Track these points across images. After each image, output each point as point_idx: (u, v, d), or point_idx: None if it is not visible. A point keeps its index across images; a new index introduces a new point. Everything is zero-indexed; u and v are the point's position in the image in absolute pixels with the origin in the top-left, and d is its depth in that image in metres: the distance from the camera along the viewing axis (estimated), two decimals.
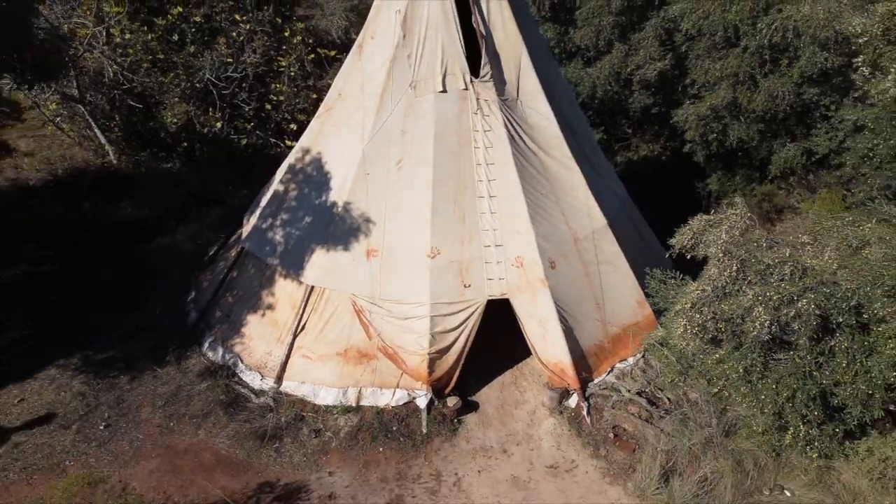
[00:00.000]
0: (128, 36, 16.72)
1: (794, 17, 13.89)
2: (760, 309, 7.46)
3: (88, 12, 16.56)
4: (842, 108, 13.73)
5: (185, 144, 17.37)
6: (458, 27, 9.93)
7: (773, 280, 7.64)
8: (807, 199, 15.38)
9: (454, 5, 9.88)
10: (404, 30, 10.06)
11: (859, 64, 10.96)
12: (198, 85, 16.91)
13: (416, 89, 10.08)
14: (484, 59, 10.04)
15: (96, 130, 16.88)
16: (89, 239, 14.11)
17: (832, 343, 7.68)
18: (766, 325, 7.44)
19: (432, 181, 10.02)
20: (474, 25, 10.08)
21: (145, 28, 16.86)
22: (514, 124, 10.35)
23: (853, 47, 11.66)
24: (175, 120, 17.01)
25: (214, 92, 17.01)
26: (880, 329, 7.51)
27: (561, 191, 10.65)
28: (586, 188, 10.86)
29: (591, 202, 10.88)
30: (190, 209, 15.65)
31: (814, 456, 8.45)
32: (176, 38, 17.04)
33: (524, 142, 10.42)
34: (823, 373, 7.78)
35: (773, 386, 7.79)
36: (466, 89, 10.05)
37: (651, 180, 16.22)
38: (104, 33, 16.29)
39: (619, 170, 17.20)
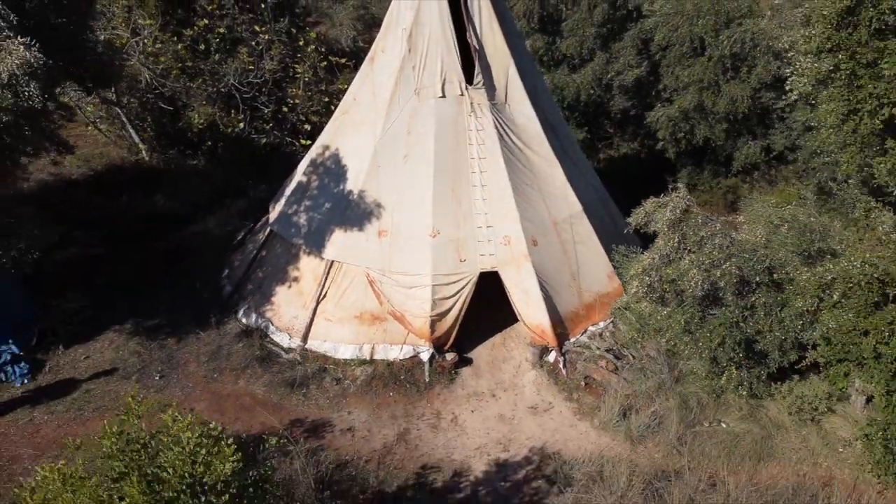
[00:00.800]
0: (159, 45, 18.74)
1: (752, 29, 15.94)
2: (695, 271, 9.45)
3: (124, 24, 18.59)
4: (795, 111, 15.70)
5: (210, 143, 19.32)
6: (455, 42, 11.91)
7: (706, 249, 9.62)
8: (766, 191, 17.35)
9: (451, 24, 11.87)
10: (409, 45, 12.06)
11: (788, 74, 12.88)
12: (222, 89, 18.89)
13: (419, 95, 12.08)
14: (477, 69, 12.02)
15: (130, 130, 18.87)
16: (130, 226, 16.04)
17: (753, 299, 9.67)
18: (699, 284, 9.43)
19: (433, 172, 12.01)
20: (469, 41, 12.06)
21: (175, 38, 18.85)
22: (503, 124, 12.33)
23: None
24: (201, 121, 18.98)
25: (237, 96, 19.00)
26: (790, 287, 9.48)
27: (542, 181, 12.64)
28: (564, 179, 12.85)
29: (569, 191, 12.86)
30: (215, 201, 17.58)
31: (744, 394, 10.45)
32: (202, 47, 19.03)
33: (511, 139, 12.40)
34: (748, 323, 9.76)
35: (708, 335, 9.78)
36: (462, 95, 12.03)
37: (630, 174, 18.16)
38: (139, 43, 18.29)
39: (601, 166, 19.22)
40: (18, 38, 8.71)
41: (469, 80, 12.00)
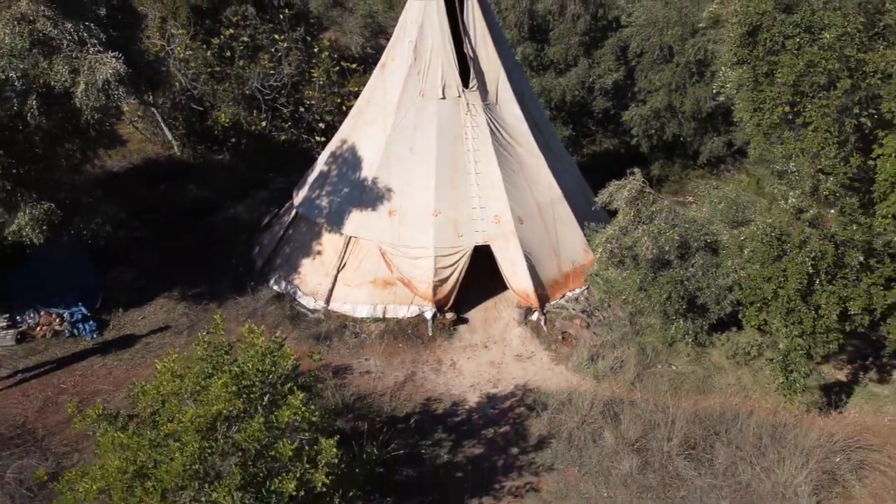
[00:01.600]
0: (189, 52, 21.16)
1: (714, 39, 18.35)
2: (646, 238, 11.85)
3: (158, 33, 21.02)
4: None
5: (234, 140, 21.70)
6: (453, 53, 14.30)
7: (655, 221, 12.01)
8: (730, 181, 19.74)
9: (450, 37, 14.26)
10: (415, 55, 14.46)
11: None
12: (246, 92, 21.28)
13: (423, 97, 14.47)
14: (472, 75, 14.41)
15: (164, 128, 21.29)
16: (169, 212, 18.42)
17: (693, 261, 12.06)
18: (649, 248, 11.82)
19: (435, 162, 14.40)
20: (465, 51, 14.46)
21: (203, 46, 21.27)
22: (494, 122, 14.70)
23: None
24: (227, 120, 21.36)
25: (259, 97, 21.40)
26: (723, 251, 11.87)
27: (528, 170, 15.02)
28: (547, 169, 15.23)
29: (550, 178, 15.24)
30: (240, 191, 19.96)
31: (691, 342, 12.84)
32: (228, 54, 21.43)
33: (501, 135, 14.78)
34: (690, 281, 12.14)
35: (658, 291, 12.15)
36: (459, 97, 14.41)
37: (610, 166, 20.50)
38: (172, 50, 20.71)
39: (585, 160, 21.57)
40: (109, 52, 11.11)
41: (465, 84, 14.39)
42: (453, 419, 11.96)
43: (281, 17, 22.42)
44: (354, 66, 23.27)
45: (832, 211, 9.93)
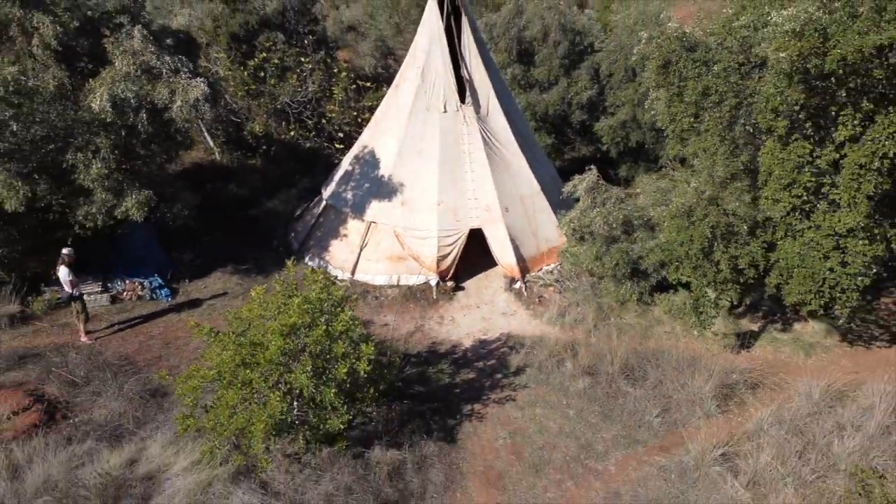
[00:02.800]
0: (229, 72, 25.18)
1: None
2: (599, 219, 15.72)
3: (203, 56, 25.04)
4: None
5: (266, 147, 25.69)
6: (453, 76, 18.28)
7: (607, 205, 15.91)
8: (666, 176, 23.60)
9: (451, 64, 18.23)
10: (422, 77, 18.44)
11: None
12: (277, 106, 25.30)
13: (429, 110, 18.41)
14: (468, 94, 18.38)
15: (207, 137, 25.27)
16: (215, 205, 22.33)
17: (635, 235, 15.95)
18: (601, 226, 15.70)
19: (438, 162, 18.32)
20: (462, 74, 18.44)
21: (241, 67, 25.31)
22: (485, 131, 18.64)
23: None
24: (260, 130, 25.37)
25: (288, 111, 25.41)
26: (659, 227, 15.75)
27: (512, 169, 18.94)
28: (528, 168, 19.16)
29: (530, 176, 19.17)
30: (272, 190, 23.90)
31: (636, 300, 16.68)
32: (262, 74, 25.46)
33: (491, 141, 18.72)
34: (633, 251, 15.99)
35: (609, 259, 15.99)
36: (458, 111, 18.36)
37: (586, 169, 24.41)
38: (215, 71, 24.73)
39: (566, 164, 25.51)
40: (198, 77, 15.07)
41: (462, 100, 18.33)
42: (453, 356, 15.80)
43: (306, 42, 26.49)
44: (368, 84, 27.32)
45: (727, 192, 13.80)
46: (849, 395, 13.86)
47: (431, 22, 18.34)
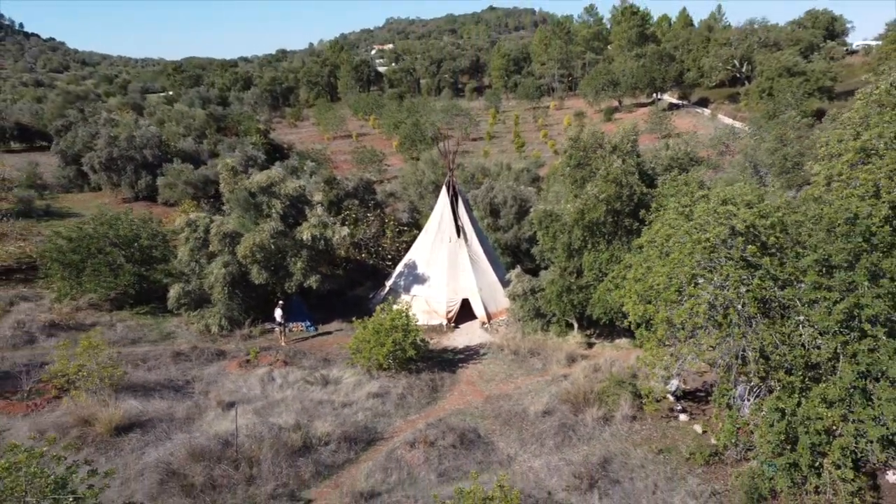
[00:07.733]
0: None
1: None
2: (519, 287, 35.54)
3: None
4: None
5: (345, 265, 45.92)
6: (453, 223, 38.92)
7: (523, 282, 35.79)
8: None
9: (452, 219, 38.89)
10: (438, 225, 39.18)
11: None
12: (354, 241, 45.86)
13: (441, 241, 38.90)
14: (461, 232, 38.90)
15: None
16: (328, 292, 42.11)
17: (537, 295, 35.68)
18: (521, 290, 35.50)
19: (446, 266, 38.51)
20: (458, 224, 39.12)
21: (343, 224, 46.22)
22: (470, 252, 38.95)
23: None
24: (343, 254, 45.75)
25: (360, 244, 45.94)
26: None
27: (484, 271, 39.05)
28: (492, 271, 39.39)
29: (493, 275, 39.32)
30: (349, 287, 43.82)
31: (539, 328, 36.14)
32: (353, 227, 46.27)
33: (473, 255, 38.97)
34: (535, 303, 35.61)
35: (525, 307, 35.55)
36: (456, 242, 38.76)
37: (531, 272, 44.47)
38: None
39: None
40: (339, 224, 35.52)
41: (458, 236, 38.80)
42: (453, 351, 34.99)
43: (369, 204, 47.66)
44: (404, 227, 48.17)
45: (568, 274, 33.55)
46: (619, 358, 32.92)
47: (442, 196, 39.23)
